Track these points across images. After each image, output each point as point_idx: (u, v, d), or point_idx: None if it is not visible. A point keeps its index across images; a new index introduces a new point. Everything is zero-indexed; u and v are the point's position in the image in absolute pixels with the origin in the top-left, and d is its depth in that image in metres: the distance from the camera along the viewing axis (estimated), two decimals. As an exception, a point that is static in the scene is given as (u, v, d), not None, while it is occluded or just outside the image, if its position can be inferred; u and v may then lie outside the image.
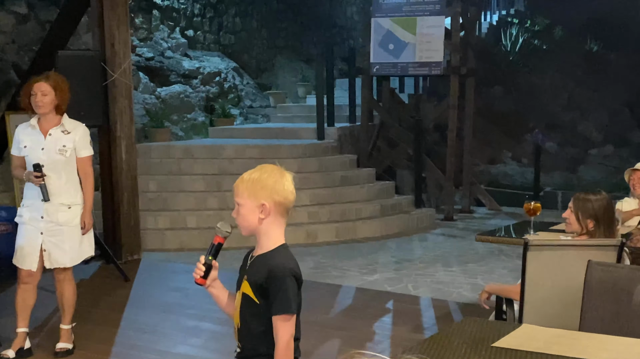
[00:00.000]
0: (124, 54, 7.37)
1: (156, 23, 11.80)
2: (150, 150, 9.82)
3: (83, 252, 4.92)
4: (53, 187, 4.69)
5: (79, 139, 4.77)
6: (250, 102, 13.23)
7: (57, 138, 4.72)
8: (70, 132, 4.75)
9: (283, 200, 2.50)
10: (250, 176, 2.52)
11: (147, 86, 11.12)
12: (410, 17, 10.50)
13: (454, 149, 10.80)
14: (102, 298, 6.41)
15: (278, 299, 2.44)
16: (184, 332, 5.53)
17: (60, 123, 4.75)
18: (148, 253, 8.10)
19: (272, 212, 2.49)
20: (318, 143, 10.57)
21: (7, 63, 8.99)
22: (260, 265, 2.51)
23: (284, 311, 2.44)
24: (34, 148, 4.70)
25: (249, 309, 2.53)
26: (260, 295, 2.49)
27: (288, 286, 2.44)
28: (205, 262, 2.57)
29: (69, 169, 4.76)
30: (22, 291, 4.81)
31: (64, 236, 4.75)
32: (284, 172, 2.54)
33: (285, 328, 2.45)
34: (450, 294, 6.51)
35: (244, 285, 2.55)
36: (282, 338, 2.45)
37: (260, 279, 2.48)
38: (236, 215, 2.54)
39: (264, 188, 2.48)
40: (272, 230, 2.52)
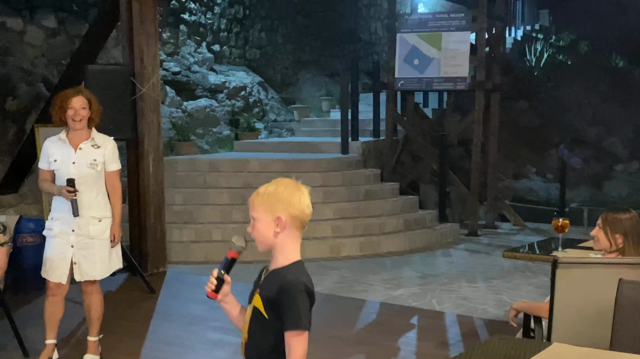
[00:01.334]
0: (152, 68, 7.45)
1: (183, 38, 11.93)
2: (176, 164, 9.90)
3: (112, 265, 4.97)
4: (84, 201, 4.73)
5: (108, 153, 4.82)
6: (275, 116, 13.31)
7: (88, 152, 4.76)
8: (100, 146, 4.80)
9: (299, 213, 2.47)
10: (266, 190, 2.50)
11: (174, 100, 11.23)
12: (435, 33, 10.53)
13: (479, 164, 10.77)
14: (128, 309, 6.46)
15: (290, 314, 2.40)
16: (209, 345, 5.55)
17: (90, 137, 4.80)
18: (173, 265, 8.15)
19: (288, 226, 2.46)
20: (342, 157, 10.59)
21: (36, 77, 9.13)
22: (273, 280, 2.48)
23: (296, 326, 2.39)
24: (65, 162, 4.74)
25: (257, 323, 2.50)
26: (270, 310, 2.46)
27: (300, 302, 2.40)
28: (217, 276, 2.55)
29: (100, 183, 4.82)
30: (50, 304, 4.84)
31: (95, 249, 4.79)
32: (300, 186, 2.52)
33: (298, 344, 2.40)
34: (475, 310, 6.48)
35: (255, 299, 2.52)
36: (295, 354, 2.40)
37: (272, 294, 2.44)
38: (252, 230, 2.52)
39: (280, 202, 2.46)
40: (287, 245, 2.49)
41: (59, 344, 5.26)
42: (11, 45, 9.06)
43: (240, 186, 9.57)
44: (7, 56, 8.93)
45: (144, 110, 7.46)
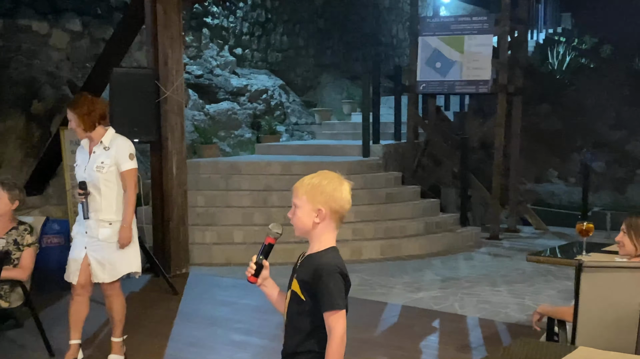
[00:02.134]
0: (176, 71, 7.51)
1: (206, 41, 12.01)
2: (199, 166, 9.97)
3: (124, 269, 4.90)
4: (94, 204, 4.76)
5: (116, 154, 4.78)
6: (296, 119, 13.35)
7: (98, 155, 4.77)
8: (110, 147, 4.79)
9: (339, 208, 2.57)
10: (310, 180, 2.60)
11: (197, 103, 11.31)
12: (457, 36, 10.52)
13: (500, 167, 10.74)
14: (151, 310, 6.51)
15: (326, 296, 2.49)
16: (232, 346, 5.57)
17: (101, 140, 4.80)
18: (195, 267, 8.20)
19: (327, 218, 2.57)
20: (363, 160, 10.61)
21: (61, 80, 9.23)
22: (308, 264, 2.58)
23: (332, 307, 2.48)
24: (80, 166, 4.83)
25: (295, 306, 2.60)
26: (306, 292, 2.55)
27: (334, 284, 2.49)
28: (256, 261, 2.66)
29: (110, 185, 4.78)
30: (74, 304, 4.88)
31: (104, 252, 4.78)
32: (343, 181, 2.61)
33: (337, 322, 2.49)
34: (497, 314, 6.46)
35: (293, 283, 2.62)
36: (335, 333, 2.49)
37: (308, 276, 2.55)
38: (292, 216, 2.63)
39: (322, 194, 2.56)
40: (324, 235, 2.59)
41: (84, 344, 5.32)
42: (37, 49, 9.18)
43: (262, 188, 9.62)
44: (33, 59, 9.04)
45: (167, 112, 7.52)
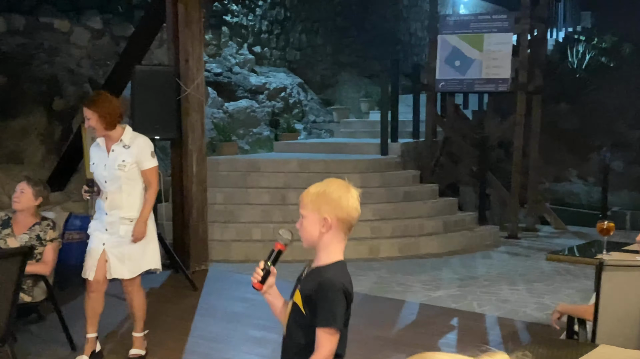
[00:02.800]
0: (197, 69, 7.55)
1: (225, 39, 12.07)
2: (218, 163, 10.02)
3: (144, 265, 4.95)
4: (115, 201, 4.78)
5: (138, 152, 4.80)
6: (314, 117, 13.38)
7: (118, 153, 4.77)
8: (130, 145, 4.79)
9: (346, 216, 2.51)
10: (316, 189, 2.54)
11: (216, 101, 11.36)
12: (477, 34, 10.49)
13: (519, 166, 10.70)
14: (171, 306, 6.57)
15: (325, 312, 2.44)
16: (251, 342, 5.61)
17: (121, 139, 4.80)
18: (214, 263, 8.26)
19: (334, 227, 2.51)
20: (381, 158, 10.62)
21: (82, 77, 9.32)
22: (313, 277, 2.53)
23: (328, 324, 2.43)
24: (99, 165, 4.82)
25: (296, 319, 2.55)
26: (307, 307, 2.50)
27: (336, 301, 2.44)
28: (264, 268, 2.60)
29: (132, 183, 4.81)
30: (89, 300, 4.89)
31: (124, 249, 4.81)
32: (350, 188, 2.54)
33: (326, 341, 2.44)
34: (516, 313, 6.45)
35: (295, 295, 2.57)
36: (321, 351, 2.44)
37: (310, 291, 2.49)
38: (299, 226, 2.57)
39: (327, 203, 2.50)
40: (331, 245, 2.53)
41: (105, 339, 5.40)
42: (58, 46, 9.27)
43: (280, 186, 9.65)
44: (54, 56, 9.13)
45: (188, 110, 7.57)
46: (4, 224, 5.23)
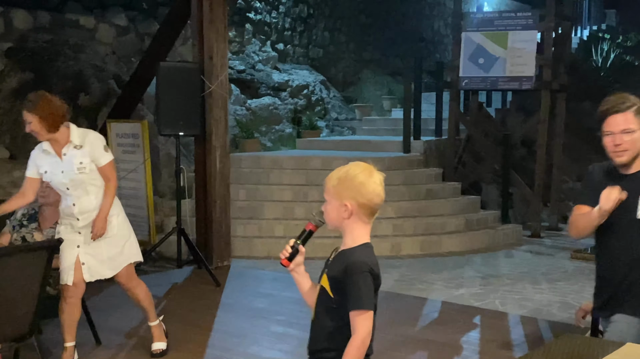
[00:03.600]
0: (221, 66, 7.59)
1: (248, 37, 12.11)
2: (240, 160, 10.07)
3: (125, 259, 4.79)
4: (84, 205, 4.58)
5: (91, 150, 4.55)
6: (337, 115, 13.39)
7: (72, 156, 4.52)
8: (82, 145, 4.54)
9: (367, 202, 2.49)
10: (338, 174, 2.53)
11: (239, 98, 11.41)
12: (501, 32, 10.44)
13: (543, 165, 10.64)
14: (195, 301, 6.61)
15: (355, 295, 2.44)
16: (273, 337, 5.64)
17: (70, 140, 4.53)
18: (237, 259, 8.30)
19: (355, 213, 2.49)
20: (404, 156, 10.60)
21: (108, 74, 9.40)
22: (340, 261, 2.53)
23: (359, 306, 2.43)
24: (55, 173, 4.55)
25: (323, 302, 2.56)
26: (335, 290, 2.51)
27: (364, 283, 2.44)
28: (293, 245, 2.62)
29: (96, 183, 4.61)
30: (66, 306, 4.65)
31: (102, 248, 4.66)
32: (373, 172, 2.52)
33: (362, 323, 2.44)
34: (539, 312, 6.42)
35: (323, 279, 2.57)
36: (359, 333, 2.44)
37: (338, 274, 2.49)
38: (324, 209, 2.57)
39: (348, 189, 2.48)
40: (355, 230, 2.53)
41: (130, 331, 5.45)
42: (83, 43, 9.36)
43: (303, 183, 9.68)
44: (80, 53, 9.22)
45: (212, 106, 7.60)
46: (30, 219, 5.29)
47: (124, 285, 4.86)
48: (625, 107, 3.10)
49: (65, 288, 4.63)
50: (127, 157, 8.13)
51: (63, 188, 4.58)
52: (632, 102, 3.16)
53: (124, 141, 8.13)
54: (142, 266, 7.66)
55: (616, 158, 3.20)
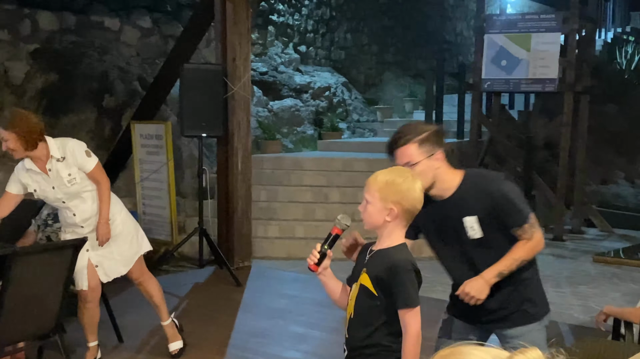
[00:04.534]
0: (244, 68, 7.64)
1: (271, 39, 12.16)
2: (262, 161, 10.11)
3: (135, 252, 4.81)
4: (85, 213, 4.57)
5: (75, 159, 4.47)
6: (358, 117, 13.39)
7: (58, 170, 4.45)
8: (64, 156, 4.45)
9: (411, 207, 2.56)
10: (385, 177, 2.56)
11: (261, 100, 11.46)
12: (524, 34, 10.39)
13: (566, 168, 10.57)
14: (216, 301, 6.66)
15: (403, 293, 2.50)
16: (293, 338, 5.67)
17: (50, 155, 4.43)
18: (257, 260, 8.34)
19: (399, 217, 2.55)
20: (425, 158, 10.57)
21: (132, 75, 9.49)
22: (380, 259, 2.58)
23: (408, 305, 2.51)
24: (46, 190, 4.50)
25: (365, 300, 2.59)
26: (379, 288, 2.55)
27: (410, 281, 2.51)
28: (320, 250, 2.67)
29: (88, 188, 4.56)
30: (86, 311, 4.72)
31: (112, 247, 4.68)
32: (416, 179, 2.58)
33: (412, 320, 2.51)
34: (560, 315, 6.38)
35: (362, 277, 2.60)
36: (411, 330, 2.51)
37: (382, 273, 2.54)
38: (363, 210, 2.60)
39: (396, 193, 2.53)
40: (395, 232, 2.58)
41: (153, 330, 5.50)
42: (108, 44, 9.45)
43: (324, 184, 9.70)
44: (105, 55, 9.31)
45: (234, 108, 7.65)
46: (55, 218, 5.36)
47: (136, 279, 4.88)
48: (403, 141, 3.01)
49: (83, 293, 4.66)
50: (151, 157, 8.20)
51: (59, 203, 4.56)
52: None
53: (148, 142, 8.20)
54: (164, 266, 7.75)
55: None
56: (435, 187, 2.94)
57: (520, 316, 3.15)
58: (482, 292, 2.99)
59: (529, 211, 3.02)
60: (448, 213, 3.04)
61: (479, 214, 2.98)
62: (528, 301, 3.16)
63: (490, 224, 2.98)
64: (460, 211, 3.01)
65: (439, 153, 2.98)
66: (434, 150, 2.95)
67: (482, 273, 3.00)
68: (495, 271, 2.99)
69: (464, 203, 2.99)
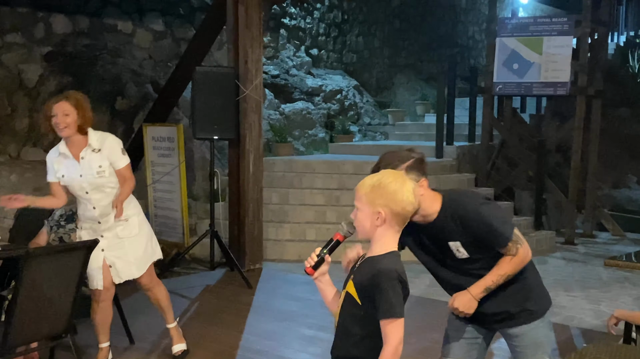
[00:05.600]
0: (256, 70, 7.66)
1: (283, 42, 12.19)
2: (273, 164, 10.14)
3: (148, 258, 4.86)
4: (106, 208, 4.61)
5: (109, 154, 4.57)
6: (369, 120, 13.40)
7: (91, 160, 4.54)
8: (100, 148, 4.55)
9: (401, 210, 2.48)
10: (371, 181, 2.50)
11: (272, 102, 11.49)
12: (536, 37, 10.37)
13: (578, 171, 10.54)
14: (227, 303, 6.68)
15: (385, 303, 2.42)
16: (303, 341, 5.67)
17: (88, 144, 4.55)
18: (268, 262, 8.36)
19: (388, 221, 2.48)
20: (436, 161, 10.57)
21: (145, 78, 9.54)
22: (367, 267, 2.51)
23: (389, 315, 2.41)
24: (73, 177, 4.57)
25: (350, 309, 2.53)
26: (363, 297, 2.48)
27: (393, 291, 2.42)
28: (319, 254, 2.61)
29: (112, 184, 4.62)
30: (100, 311, 4.75)
31: (126, 248, 4.70)
32: (405, 181, 2.51)
33: (392, 332, 2.42)
34: (571, 319, 6.37)
35: (349, 285, 2.55)
36: (391, 341, 2.42)
37: (366, 281, 2.47)
38: (354, 217, 2.55)
39: (382, 196, 2.46)
40: (385, 237, 2.51)
41: (164, 332, 5.52)
42: (121, 47, 9.51)
43: (335, 187, 9.71)
44: (118, 57, 9.37)
45: (246, 111, 7.68)
46: (68, 219, 5.38)
47: (145, 285, 4.91)
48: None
49: (97, 292, 4.70)
50: (163, 160, 8.24)
51: (82, 192, 4.60)
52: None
53: (160, 144, 8.24)
54: (175, 268, 7.79)
55: None
56: (418, 214, 2.93)
57: (522, 316, 3.20)
58: (470, 307, 3.07)
59: (510, 230, 3.04)
60: (434, 235, 3.09)
61: (461, 239, 3.02)
62: (528, 301, 3.20)
63: (474, 246, 3.03)
64: (444, 236, 3.05)
65: (423, 180, 3.00)
66: (418, 177, 2.96)
67: (470, 288, 3.07)
68: (482, 286, 3.05)
69: (445, 229, 3.03)
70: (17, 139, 8.47)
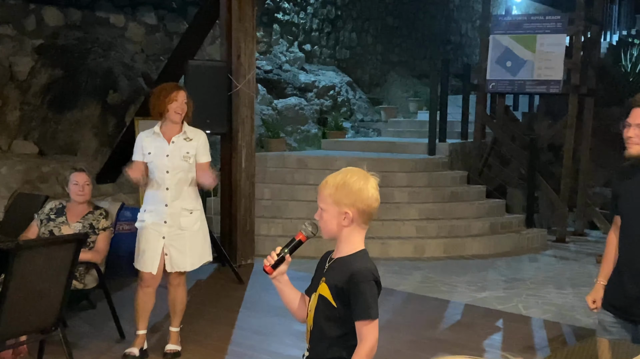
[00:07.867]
0: (248, 65, 7.64)
1: (276, 37, 12.16)
2: (266, 159, 10.12)
3: (202, 257, 4.98)
4: (178, 192, 4.80)
5: (199, 146, 4.87)
6: (362, 116, 13.39)
7: (181, 145, 4.82)
8: (192, 139, 4.86)
9: (366, 208, 2.44)
10: (334, 181, 2.47)
11: (265, 98, 11.46)
12: (530, 35, 10.38)
13: (569, 170, 10.56)
14: (218, 298, 6.66)
15: (361, 304, 2.39)
16: (295, 336, 5.66)
17: (182, 131, 4.86)
18: (260, 258, 8.33)
19: (355, 220, 2.45)
20: (429, 158, 10.58)
21: (136, 72, 9.49)
22: (340, 269, 2.47)
23: (366, 316, 2.39)
24: (159, 155, 4.80)
25: (325, 312, 2.49)
26: (338, 299, 2.45)
27: (371, 291, 2.40)
28: (279, 253, 2.56)
29: (191, 175, 4.85)
30: (143, 295, 4.90)
31: (185, 240, 4.83)
32: (369, 177, 2.47)
33: (368, 333, 2.40)
34: (563, 317, 6.38)
35: (321, 287, 2.51)
36: (366, 342, 2.40)
37: (341, 283, 2.43)
38: (319, 218, 2.51)
39: (347, 196, 2.43)
40: (353, 236, 2.48)
41: (154, 326, 5.49)
42: (113, 41, 9.45)
43: (327, 183, 9.68)
44: (110, 51, 9.31)
45: (238, 105, 7.65)
46: (58, 212, 5.36)
47: (174, 280, 4.95)
48: None
49: (146, 277, 4.83)
50: (154, 154, 8.19)
51: (163, 171, 4.80)
52: None
53: (151, 138, 8.19)
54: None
55: (627, 149, 3.19)
56: None
57: None
58: None
59: None
60: None
61: None
62: None
63: None
64: None
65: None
66: None
67: None
68: None
69: None
70: (8, 132, 8.41)
